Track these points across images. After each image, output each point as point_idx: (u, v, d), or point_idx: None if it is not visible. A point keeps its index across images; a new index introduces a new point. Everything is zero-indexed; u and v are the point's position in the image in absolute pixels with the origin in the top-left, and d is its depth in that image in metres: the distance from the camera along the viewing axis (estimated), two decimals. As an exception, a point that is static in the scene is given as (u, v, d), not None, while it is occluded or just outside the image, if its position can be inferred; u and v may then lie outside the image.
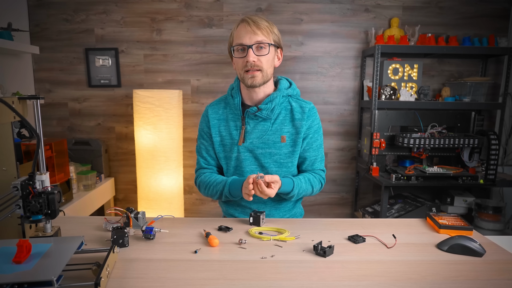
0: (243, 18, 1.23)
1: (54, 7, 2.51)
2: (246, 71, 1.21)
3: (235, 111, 1.31)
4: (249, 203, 1.31)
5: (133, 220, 1.08)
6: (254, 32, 1.19)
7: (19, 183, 0.83)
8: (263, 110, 1.25)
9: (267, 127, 1.28)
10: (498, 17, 2.59)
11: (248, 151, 1.29)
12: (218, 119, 1.34)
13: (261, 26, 1.20)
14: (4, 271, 0.70)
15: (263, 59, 1.21)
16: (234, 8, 2.55)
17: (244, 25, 1.21)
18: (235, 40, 1.22)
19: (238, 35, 1.21)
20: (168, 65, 2.60)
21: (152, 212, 2.34)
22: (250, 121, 1.28)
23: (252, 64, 1.19)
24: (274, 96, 1.26)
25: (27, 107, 0.97)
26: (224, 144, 1.33)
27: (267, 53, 1.21)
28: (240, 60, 1.22)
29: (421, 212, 2.37)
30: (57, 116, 2.65)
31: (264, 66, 1.21)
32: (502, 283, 0.83)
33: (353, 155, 2.75)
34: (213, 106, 1.37)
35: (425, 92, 2.45)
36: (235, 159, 1.31)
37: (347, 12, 2.57)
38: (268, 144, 1.28)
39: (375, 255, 0.97)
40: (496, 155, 2.25)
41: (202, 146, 1.37)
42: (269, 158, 1.29)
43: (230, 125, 1.32)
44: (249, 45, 1.19)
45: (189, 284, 0.80)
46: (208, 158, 1.38)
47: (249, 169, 1.30)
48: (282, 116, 1.29)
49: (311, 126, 1.29)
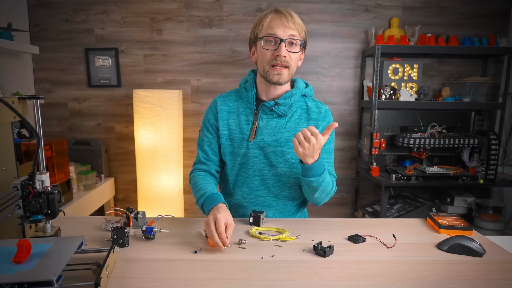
0: (277, 8, 1.14)
1: (54, 7, 2.51)
2: (272, 66, 1.14)
3: (248, 105, 1.24)
4: (251, 205, 1.28)
5: (133, 220, 1.08)
6: (289, 25, 1.11)
7: (19, 183, 0.83)
8: (280, 105, 1.19)
9: (281, 124, 1.21)
10: (498, 17, 2.59)
11: (258, 148, 1.21)
12: (228, 112, 1.25)
13: (296, 21, 1.12)
14: (4, 271, 0.70)
15: (293, 56, 1.14)
16: (234, 8, 2.55)
17: (278, 16, 1.12)
18: (266, 30, 1.13)
19: (270, 25, 1.12)
20: (168, 65, 2.60)
21: (152, 212, 2.34)
22: (264, 116, 1.21)
23: (282, 59, 1.12)
24: (294, 92, 1.20)
25: (27, 107, 0.97)
26: (232, 138, 1.24)
27: (298, 50, 1.15)
28: (269, 52, 1.13)
29: (421, 212, 2.37)
30: (57, 116, 2.65)
31: (292, 63, 1.15)
32: (502, 283, 0.83)
33: (353, 155, 2.75)
34: (223, 97, 1.28)
35: (425, 92, 2.45)
36: (243, 156, 1.23)
37: (347, 12, 2.57)
38: (280, 142, 1.20)
39: (375, 255, 0.97)
40: (496, 155, 2.25)
41: (205, 139, 1.28)
42: (280, 157, 1.21)
43: (241, 119, 1.23)
44: (283, 39, 1.11)
45: (189, 284, 0.80)
46: (209, 152, 1.28)
47: (257, 167, 1.23)
48: (297, 114, 1.23)
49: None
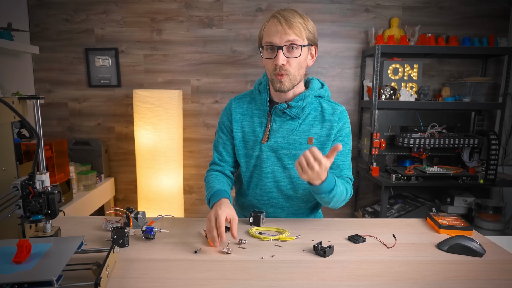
0: (274, 13, 1.11)
1: (54, 7, 2.51)
2: (275, 74, 1.13)
3: (261, 107, 1.23)
4: (264, 206, 1.28)
5: (133, 220, 1.08)
6: (285, 31, 1.07)
7: (19, 183, 0.83)
8: (293, 108, 1.17)
9: (294, 126, 1.19)
10: (498, 17, 2.59)
11: (271, 150, 1.21)
12: (242, 114, 1.25)
13: (293, 24, 1.07)
14: (4, 271, 0.70)
15: (293, 62, 1.11)
16: (234, 8, 2.55)
17: (274, 22, 1.09)
18: (265, 38, 1.12)
19: (268, 32, 1.10)
20: (168, 65, 2.60)
21: (152, 212, 2.34)
22: (277, 118, 1.20)
23: (280, 67, 1.10)
24: (307, 94, 1.18)
25: (27, 107, 0.97)
26: (245, 140, 1.25)
27: (298, 55, 1.10)
28: (270, 61, 1.12)
29: (421, 212, 2.37)
30: (57, 116, 2.65)
31: (292, 70, 1.12)
32: (502, 283, 0.83)
33: (353, 155, 2.75)
34: (238, 100, 1.29)
35: (425, 92, 2.45)
36: (256, 158, 1.23)
37: (347, 12, 2.57)
38: (293, 144, 1.19)
39: (375, 255, 0.97)
40: (496, 155, 2.25)
41: (220, 140, 1.30)
42: (293, 160, 1.19)
43: (254, 121, 1.23)
44: (279, 46, 1.08)
45: (189, 284, 0.80)
46: (224, 153, 1.29)
47: (270, 169, 1.22)
48: (311, 116, 1.21)
49: (342, 129, 1.21)
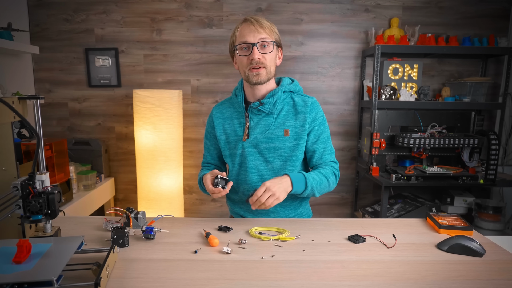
0: (245, 18, 1.26)
1: (54, 7, 2.51)
2: (250, 69, 1.24)
3: (238, 109, 1.35)
4: None
5: (133, 220, 1.08)
6: (257, 30, 1.22)
7: (19, 183, 0.83)
8: (265, 104, 1.28)
9: (270, 121, 1.30)
10: (498, 17, 2.59)
11: (253, 146, 1.31)
12: (222, 118, 1.38)
13: (263, 25, 1.23)
14: (4, 271, 0.70)
15: (267, 56, 1.24)
16: (234, 8, 2.55)
17: (247, 24, 1.24)
18: (239, 39, 1.25)
19: (242, 33, 1.24)
20: (168, 65, 2.60)
21: (152, 212, 2.34)
22: (254, 116, 1.31)
23: (257, 61, 1.22)
24: (276, 90, 1.29)
25: (27, 107, 0.97)
26: (229, 141, 1.36)
27: (271, 50, 1.25)
28: (245, 58, 1.25)
29: (421, 212, 2.37)
30: (57, 116, 2.65)
31: (268, 63, 1.25)
32: (502, 283, 0.83)
33: (353, 155, 2.75)
34: (218, 106, 1.43)
35: (425, 92, 2.45)
36: (240, 156, 1.34)
37: (347, 12, 2.57)
38: (271, 138, 1.29)
39: (375, 255, 0.97)
40: (496, 155, 2.25)
41: (205, 146, 1.48)
42: (273, 153, 1.30)
43: (234, 123, 1.35)
44: (254, 43, 1.22)
45: (189, 284, 0.80)
46: (209, 157, 1.47)
47: (253, 164, 1.32)
48: (285, 110, 1.31)
49: (315, 119, 1.30)
